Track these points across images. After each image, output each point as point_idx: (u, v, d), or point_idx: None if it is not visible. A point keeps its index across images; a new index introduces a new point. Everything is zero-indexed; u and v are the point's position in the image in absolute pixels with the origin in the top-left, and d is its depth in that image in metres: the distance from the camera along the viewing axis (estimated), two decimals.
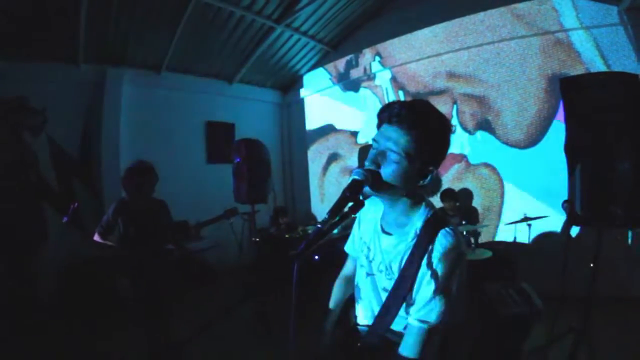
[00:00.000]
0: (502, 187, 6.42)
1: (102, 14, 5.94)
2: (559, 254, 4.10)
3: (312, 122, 9.31)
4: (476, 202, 6.52)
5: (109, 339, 4.76)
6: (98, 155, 6.82)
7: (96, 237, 3.94)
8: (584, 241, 5.19)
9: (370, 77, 8.13)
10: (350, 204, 1.43)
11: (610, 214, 3.39)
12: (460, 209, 6.10)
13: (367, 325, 1.70)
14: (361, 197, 1.47)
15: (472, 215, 6.13)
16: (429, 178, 1.54)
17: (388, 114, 1.52)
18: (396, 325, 1.59)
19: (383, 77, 7.93)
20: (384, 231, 1.70)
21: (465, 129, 6.81)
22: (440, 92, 7.08)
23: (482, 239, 6.18)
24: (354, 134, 8.50)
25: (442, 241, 1.49)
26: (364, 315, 1.78)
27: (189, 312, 4.99)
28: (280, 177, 9.59)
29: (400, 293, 1.54)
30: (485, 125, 6.59)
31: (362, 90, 8.34)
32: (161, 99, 7.72)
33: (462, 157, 6.87)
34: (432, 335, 1.50)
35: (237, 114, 8.84)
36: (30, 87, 5.90)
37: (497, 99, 6.43)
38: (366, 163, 1.54)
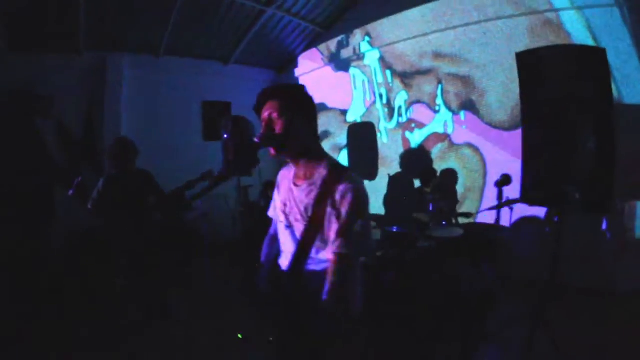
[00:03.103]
0: (485, 168, 6.03)
1: (100, 2, 5.95)
2: (538, 239, 3.89)
3: None
4: (458, 183, 6.17)
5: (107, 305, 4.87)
6: (101, 136, 6.93)
7: (89, 207, 4.14)
8: (565, 228, 5.05)
9: (360, 56, 7.73)
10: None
11: (565, 196, 3.16)
12: (438, 188, 5.79)
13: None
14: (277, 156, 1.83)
15: (449, 195, 5.82)
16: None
17: (262, 99, 1.87)
18: (313, 266, 1.83)
19: (372, 57, 7.52)
20: (295, 185, 1.93)
21: (449, 108, 6.42)
22: (426, 72, 6.68)
23: (463, 219, 5.78)
24: (344, 112, 8.15)
25: (343, 183, 1.72)
26: (288, 262, 1.92)
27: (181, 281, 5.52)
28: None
29: (313, 231, 1.77)
30: (469, 106, 6.18)
31: (352, 70, 7.95)
32: (160, 81, 7.68)
33: (445, 137, 6.50)
34: (346, 264, 1.72)
35: (233, 94, 8.56)
36: (38, 76, 6.21)
37: (483, 79, 6.00)
38: (262, 133, 1.82)
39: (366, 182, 6.77)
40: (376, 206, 7.34)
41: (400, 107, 7.15)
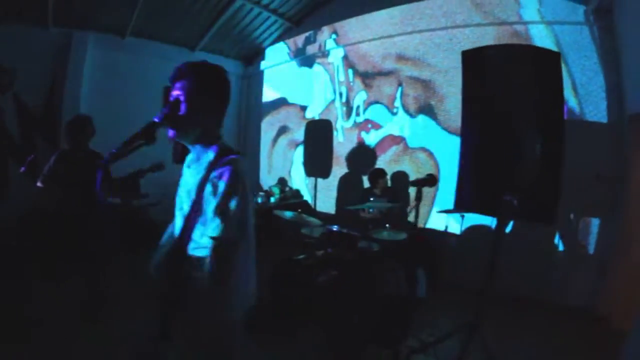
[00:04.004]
0: (438, 173, 5.69)
1: None
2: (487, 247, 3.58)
3: (268, 94, 8.56)
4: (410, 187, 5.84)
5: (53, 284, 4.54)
6: (59, 114, 6.48)
7: (39, 184, 3.89)
8: (515, 238, 4.82)
9: (325, 54, 7.37)
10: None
11: (505, 204, 2.76)
12: (390, 190, 5.51)
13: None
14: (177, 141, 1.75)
15: (400, 198, 5.58)
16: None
17: (173, 75, 1.73)
18: (198, 251, 1.70)
19: (336, 55, 7.17)
20: (188, 167, 1.84)
21: (407, 111, 6.11)
22: (387, 73, 6.37)
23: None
24: (303, 108, 7.73)
25: (222, 165, 1.63)
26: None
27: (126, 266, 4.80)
28: (235, 145, 8.78)
29: (194, 213, 1.67)
30: (427, 110, 5.88)
31: (315, 67, 7.58)
32: (124, 62, 7.20)
33: (401, 140, 6.18)
34: (219, 249, 1.60)
35: None
36: (3, 47, 5.73)
37: (443, 84, 5.72)
38: (163, 110, 1.69)
39: (319, 180, 6.39)
40: (328, 205, 6.98)
41: (358, 107, 6.82)
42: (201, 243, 1.69)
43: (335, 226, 4.54)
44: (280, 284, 4.02)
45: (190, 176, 1.78)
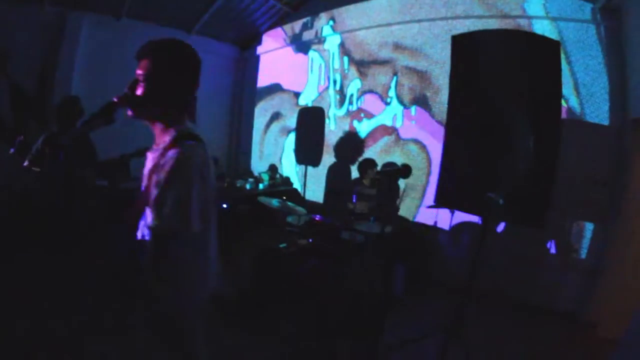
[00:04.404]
0: (430, 166, 5.50)
1: None
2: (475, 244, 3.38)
3: (263, 80, 8.29)
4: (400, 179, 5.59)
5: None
6: (51, 95, 6.21)
7: (25, 164, 3.56)
8: (505, 238, 4.68)
9: (321, 40, 7.09)
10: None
11: (488, 202, 2.51)
12: (380, 182, 5.22)
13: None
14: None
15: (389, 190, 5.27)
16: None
17: (139, 54, 1.61)
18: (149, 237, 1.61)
19: (332, 42, 6.90)
20: (149, 150, 1.71)
21: (401, 102, 5.87)
22: (383, 62, 6.11)
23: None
24: (297, 95, 7.46)
25: (172, 150, 1.50)
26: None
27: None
28: (228, 130, 8.77)
29: (144, 199, 1.57)
30: (422, 101, 5.64)
31: (310, 53, 7.30)
32: (118, 44, 6.80)
33: (393, 130, 5.94)
34: (157, 237, 1.52)
35: None
36: None
37: (440, 76, 5.46)
38: (124, 90, 1.60)
39: (310, 169, 6.13)
40: (318, 193, 6.85)
41: (352, 95, 6.58)
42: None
43: (318, 215, 4.39)
44: (261, 271, 3.91)
45: (149, 159, 1.68)
